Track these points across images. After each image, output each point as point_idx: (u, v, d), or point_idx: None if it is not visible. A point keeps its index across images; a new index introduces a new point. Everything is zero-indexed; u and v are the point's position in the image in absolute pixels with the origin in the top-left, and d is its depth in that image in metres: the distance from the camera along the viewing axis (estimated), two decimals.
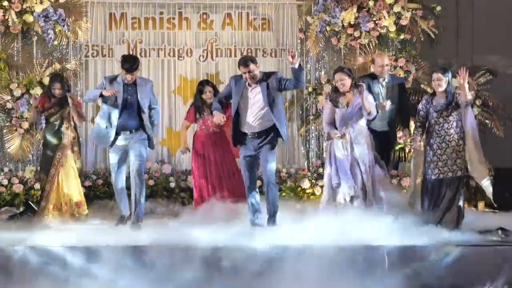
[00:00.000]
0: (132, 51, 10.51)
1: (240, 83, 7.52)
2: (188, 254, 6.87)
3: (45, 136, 8.82)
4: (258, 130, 7.54)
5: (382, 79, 8.61)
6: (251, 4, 10.63)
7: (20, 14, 9.94)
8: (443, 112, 7.93)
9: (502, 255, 7.29)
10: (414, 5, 10.13)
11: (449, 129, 7.94)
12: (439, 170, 7.87)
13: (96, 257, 6.84)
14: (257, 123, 7.53)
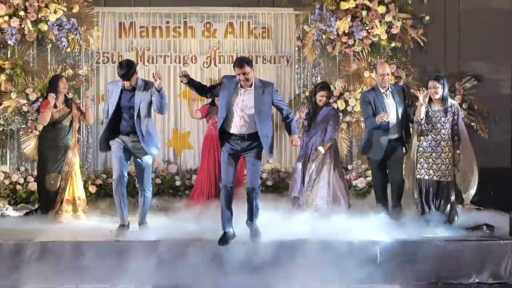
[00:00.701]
0: (140, 58, 10.61)
1: (232, 82, 6.97)
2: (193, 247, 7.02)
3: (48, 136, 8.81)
4: (246, 132, 6.96)
5: (385, 90, 8.18)
6: (251, 14, 10.67)
7: (35, 23, 9.98)
8: (441, 118, 7.99)
9: (487, 250, 7.40)
10: (404, 15, 10.17)
11: (445, 134, 8.00)
12: (433, 172, 7.93)
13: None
14: (246, 126, 6.94)
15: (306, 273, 6.90)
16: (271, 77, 10.55)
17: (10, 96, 9.94)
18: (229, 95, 6.91)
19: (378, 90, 8.20)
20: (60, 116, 8.71)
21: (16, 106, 9.89)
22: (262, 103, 6.89)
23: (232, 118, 6.93)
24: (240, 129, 6.92)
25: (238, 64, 6.87)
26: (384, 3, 10.11)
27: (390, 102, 8.16)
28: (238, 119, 6.91)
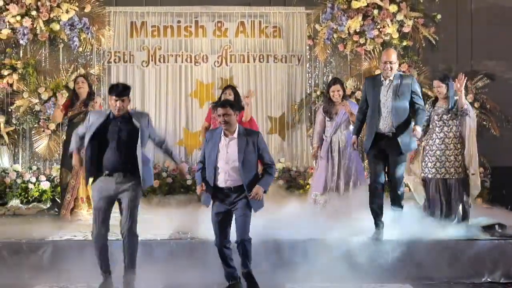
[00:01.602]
0: (151, 57, 10.62)
1: (216, 134, 6.39)
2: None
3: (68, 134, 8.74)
4: (234, 185, 6.31)
5: (384, 80, 7.24)
6: (263, 13, 10.66)
7: (47, 23, 10.02)
8: (444, 116, 7.96)
9: (499, 249, 7.36)
10: (416, 13, 10.16)
11: (448, 132, 7.96)
12: (436, 170, 7.85)
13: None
14: (232, 178, 6.32)
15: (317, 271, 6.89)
16: (282, 76, 10.65)
17: (22, 96, 10.01)
18: (216, 148, 6.31)
19: (379, 78, 7.36)
20: (73, 115, 8.76)
21: (28, 106, 9.95)
22: (246, 153, 6.30)
23: (220, 170, 6.32)
24: (228, 182, 6.30)
25: (221, 104, 6.39)
26: (396, 2, 10.11)
27: (388, 93, 7.20)
28: (224, 172, 6.31)
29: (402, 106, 7.18)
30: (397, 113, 7.14)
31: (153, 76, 10.65)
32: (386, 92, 7.20)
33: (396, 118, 7.14)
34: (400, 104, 7.16)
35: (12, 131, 10.09)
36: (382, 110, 7.16)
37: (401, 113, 7.17)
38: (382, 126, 7.18)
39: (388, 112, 7.15)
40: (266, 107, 10.66)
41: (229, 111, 6.22)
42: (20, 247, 7.18)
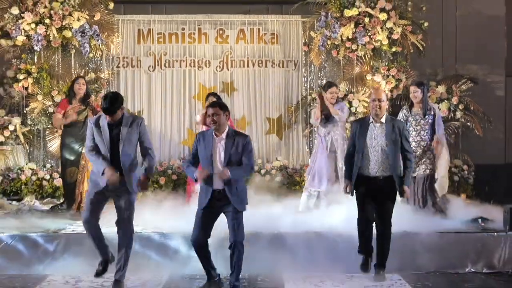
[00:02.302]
0: (157, 62, 10.62)
1: (207, 135, 6.18)
2: None
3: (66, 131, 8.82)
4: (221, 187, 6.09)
5: (375, 123, 6.51)
6: (261, 21, 10.66)
7: (60, 30, 10.00)
8: (421, 121, 8.08)
9: (482, 242, 7.39)
10: (405, 21, 10.13)
11: (425, 136, 8.11)
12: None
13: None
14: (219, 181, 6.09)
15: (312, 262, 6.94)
16: (280, 80, 10.65)
17: (36, 98, 10.00)
18: (209, 149, 6.11)
19: (367, 120, 6.58)
20: (77, 111, 8.74)
21: (42, 108, 9.93)
22: (234, 155, 6.11)
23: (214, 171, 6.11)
24: (219, 183, 6.09)
25: (212, 105, 6.27)
26: (385, 10, 10.07)
27: (377, 135, 6.48)
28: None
29: (394, 151, 6.47)
30: (389, 157, 6.46)
31: (159, 80, 10.65)
32: (377, 136, 6.48)
33: (388, 162, 6.45)
34: (392, 149, 6.45)
35: (27, 131, 10.09)
36: (373, 154, 6.47)
37: (392, 157, 6.46)
38: (372, 170, 6.48)
39: (379, 156, 6.45)
40: (264, 109, 10.65)
41: (219, 111, 6.10)
42: (35, 239, 7.22)
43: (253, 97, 10.66)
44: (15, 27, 9.95)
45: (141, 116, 10.05)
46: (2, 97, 10.27)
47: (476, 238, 7.42)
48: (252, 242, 7.00)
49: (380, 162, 6.47)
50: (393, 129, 6.48)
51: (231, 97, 10.63)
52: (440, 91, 10.18)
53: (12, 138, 10.05)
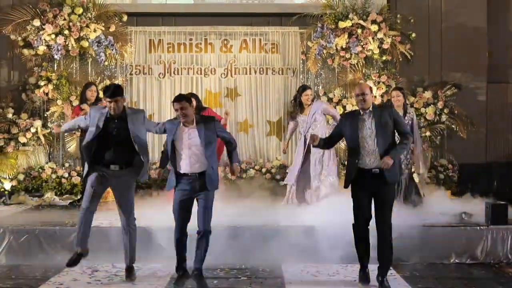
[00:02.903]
0: (167, 70, 10.60)
1: (174, 124, 5.99)
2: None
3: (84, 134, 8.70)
4: (199, 171, 5.89)
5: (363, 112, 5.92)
6: (262, 32, 10.63)
7: (78, 41, 10.00)
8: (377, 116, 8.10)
9: (465, 235, 7.39)
10: (394, 32, 10.11)
11: None
12: None
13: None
14: (196, 165, 5.89)
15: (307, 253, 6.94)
16: (279, 86, 10.62)
17: (56, 103, 10.00)
18: (172, 136, 5.91)
19: (356, 113, 6.03)
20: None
21: (61, 111, 9.92)
22: (208, 137, 5.89)
23: (181, 158, 5.90)
24: (192, 168, 5.87)
25: (177, 99, 5.92)
26: (376, 22, 10.05)
27: (369, 126, 5.88)
28: (187, 159, 5.88)
29: (388, 137, 5.89)
30: (384, 145, 5.84)
31: (169, 86, 10.61)
32: (369, 125, 5.89)
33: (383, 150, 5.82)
34: (385, 135, 5.87)
35: (47, 133, 10.08)
36: (367, 145, 5.86)
37: (387, 144, 5.86)
38: (368, 162, 5.86)
39: (374, 146, 5.84)
40: (265, 112, 10.61)
41: (185, 104, 5.85)
42: (54, 233, 7.25)
43: (255, 102, 10.62)
44: (36, 38, 9.96)
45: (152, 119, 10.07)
46: (25, 102, 10.26)
47: (460, 232, 7.42)
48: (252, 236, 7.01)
49: (373, 152, 5.83)
50: (381, 116, 5.88)
51: (235, 101, 10.59)
52: (427, 96, 10.18)
53: (34, 139, 10.05)
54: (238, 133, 10.40)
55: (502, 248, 7.34)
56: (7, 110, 10.12)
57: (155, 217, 7.45)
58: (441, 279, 6.57)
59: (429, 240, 7.28)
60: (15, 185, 9.85)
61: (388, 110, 6.07)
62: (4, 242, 7.24)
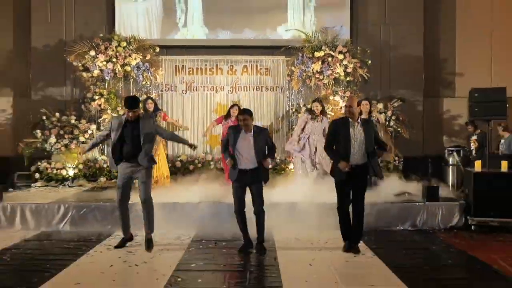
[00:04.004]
0: (188, 88, 10.55)
1: (236, 130, 5.92)
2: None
3: None
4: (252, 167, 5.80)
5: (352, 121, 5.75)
6: (258, 59, 10.61)
7: (122, 66, 9.99)
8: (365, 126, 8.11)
9: (408, 209, 7.39)
10: (355, 60, 10.09)
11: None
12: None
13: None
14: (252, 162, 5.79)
15: (299, 223, 6.87)
16: (270, 100, 10.61)
17: (107, 112, 10.00)
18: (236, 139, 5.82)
19: (347, 120, 5.79)
20: None
21: (111, 119, 9.86)
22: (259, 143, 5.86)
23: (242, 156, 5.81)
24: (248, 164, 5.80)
25: (241, 112, 5.96)
26: (342, 52, 10.04)
27: (357, 132, 5.73)
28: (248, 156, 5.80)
29: (371, 143, 5.76)
30: (365, 149, 5.72)
31: (189, 100, 10.58)
32: (357, 132, 5.71)
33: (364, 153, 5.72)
34: (369, 142, 5.74)
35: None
36: (355, 146, 5.69)
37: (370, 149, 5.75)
38: (352, 160, 5.69)
39: (361, 147, 5.70)
40: (260, 119, 10.57)
41: (247, 117, 5.84)
42: (105, 208, 7.22)
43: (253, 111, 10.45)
44: (92, 64, 9.96)
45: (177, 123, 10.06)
46: (84, 111, 10.24)
47: (404, 206, 7.42)
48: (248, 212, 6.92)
49: (358, 154, 5.70)
50: (367, 127, 5.76)
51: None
52: (380, 107, 10.16)
53: (90, 138, 10.00)
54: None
55: (435, 219, 7.35)
56: (71, 117, 10.09)
57: (181, 194, 7.48)
58: (390, 241, 6.59)
59: (381, 213, 7.27)
60: (76, 172, 9.81)
61: (372, 124, 5.94)
62: (68, 214, 7.24)
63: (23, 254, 5.91)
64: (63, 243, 6.44)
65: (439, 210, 7.35)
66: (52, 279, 4.94)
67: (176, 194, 7.64)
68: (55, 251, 6.08)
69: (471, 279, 4.98)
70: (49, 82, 10.49)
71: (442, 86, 10.97)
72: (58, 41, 10.47)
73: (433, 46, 10.94)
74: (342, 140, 5.73)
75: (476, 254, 5.87)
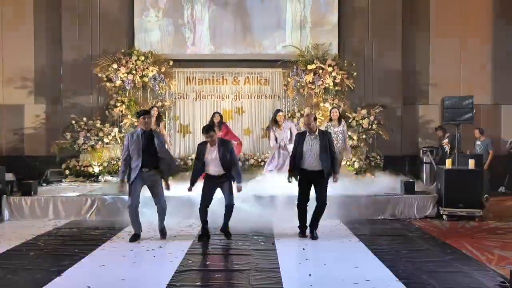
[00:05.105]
0: (198, 96, 10.51)
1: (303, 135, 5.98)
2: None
3: None
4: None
5: (310, 134, 5.94)
6: (259, 72, 10.54)
7: (141, 77, 9.99)
8: (340, 136, 8.24)
9: (388, 201, 7.39)
10: (343, 71, 10.08)
11: (339, 140, 8.14)
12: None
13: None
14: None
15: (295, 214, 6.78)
16: (269, 107, 10.46)
17: (127, 117, 9.99)
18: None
19: (305, 133, 6.01)
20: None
21: (131, 123, 9.92)
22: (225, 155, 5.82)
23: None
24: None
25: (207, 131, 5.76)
26: (331, 65, 10.02)
27: (312, 143, 5.89)
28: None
29: (323, 153, 5.84)
30: (322, 156, 5.84)
31: (199, 107, 10.54)
32: (313, 143, 5.88)
33: (322, 159, 5.83)
34: (323, 150, 5.85)
35: (122, 136, 10.01)
36: (309, 154, 5.86)
37: (324, 156, 5.83)
38: (309, 165, 5.87)
39: (316, 155, 5.84)
40: (260, 123, 10.51)
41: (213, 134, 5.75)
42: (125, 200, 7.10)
43: (254, 116, 10.55)
44: (115, 75, 9.95)
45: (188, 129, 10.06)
46: (107, 116, 10.24)
47: (384, 199, 7.43)
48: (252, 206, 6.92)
49: (314, 160, 5.85)
50: (323, 138, 5.90)
51: (241, 116, 10.51)
52: (363, 112, 10.16)
53: (113, 140, 10.03)
54: (243, 136, 10.32)
55: (411, 209, 7.36)
56: (96, 122, 10.10)
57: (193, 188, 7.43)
58: (373, 228, 6.60)
59: (366, 204, 7.29)
60: (101, 169, 9.80)
61: (327, 135, 6.02)
62: (94, 206, 7.26)
63: (55, 240, 5.95)
64: (90, 230, 6.47)
65: (415, 202, 7.37)
66: (80, 261, 4.97)
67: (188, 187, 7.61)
68: (82, 237, 6.11)
69: (442, 261, 5.00)
70: (78, 91, 10.50)
71: (418, 94, 10.95)
72: (86, 56, 10.49)
73: (410, 60, 10.93)
74: (299, 149, 5.92)
75: (447, 240, 5.90)
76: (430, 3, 10.93)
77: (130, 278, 4.46)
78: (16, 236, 6.11)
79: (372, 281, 4.30)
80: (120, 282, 4.33)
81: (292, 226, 6.48)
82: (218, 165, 5.82)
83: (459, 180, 7.17)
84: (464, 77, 10.85)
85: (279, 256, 5.10)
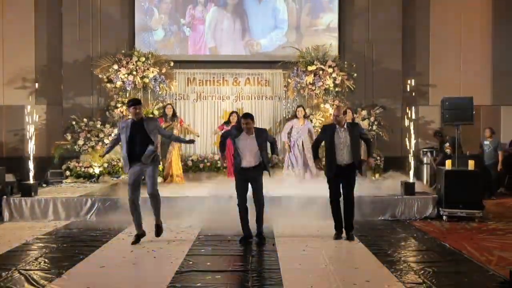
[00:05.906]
0: (199, 97, 10.52)
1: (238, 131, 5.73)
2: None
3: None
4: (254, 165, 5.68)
5: (339, 127, 5.78)
6: (259, 73, 10.59)
7: (141, 78, 10.00)
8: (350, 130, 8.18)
9: (388, 201, 7.37)
10: (343, 73, 10.10)
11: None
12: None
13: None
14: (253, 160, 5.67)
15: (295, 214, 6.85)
16: (270, 107, 10.56)
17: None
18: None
19: (334, 126, 5.83)
20: (167, 126, 8.79)
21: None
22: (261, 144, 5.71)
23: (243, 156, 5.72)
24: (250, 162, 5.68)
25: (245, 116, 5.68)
26: (331, 66, 10.03)
27: (343, 136, 5.75)
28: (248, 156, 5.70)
29: (354, 145, 5.76)
30: (354, 149, 5.74)
31: (200, 107, 10.57)
32: (343, 135, 5.74)
33: (353, 151, 5.74)
34: (353, 144, 5.75)
35: None
36: (340, 149, 5.72)
37: (355, 148, 5.76)
38: (341, 157, 5.72)
39: (347, 148, 5.71)
40: (261, 123, 10.48)
41: (249, 121, 5.62)
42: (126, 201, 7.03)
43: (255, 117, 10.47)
44: (115, 76, 9.97)
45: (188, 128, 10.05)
46: (108, 117, 10.24)
47: (384, 199, 7.42)
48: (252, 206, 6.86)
49: (345, 153, 5.72)
50: (353, 130, 5.78)
51: None
52: (363, 113, 10.16)
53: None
54: None
55: (411, 210, 7.36)
56: (97, 123, 10.11)
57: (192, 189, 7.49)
58: (373, 229, 6.59)
59: (366, 205, 7.27)
60: (101, 170, 9.80)
61: (356, 126, 5.91)
62: (94, 206, 7.26)
63: (55, 241, 5.93)
64: (90, 231, 6.46)
65: (415, 203, 7.35)
66: (80, 262, 4.96)
67: (188, 189, 7.70)
68: (82, 238, 6.10)
69: (442, 262, 4.99)
70: (78, 92, 10.51)
71: (418, 95, 10.95)
72: (86, 57, 10.50)
73: (410, 61, 10.93)
74: (328, 143, 5.79)
75: (447, 241, 5.88)
76: (430, 4, 10.94)
77: (130, 279, 4.45)
78: (16, 237, 6.10)
79: (372, 281, 4.29)
80: (120, 283, 4.32)
81: (292, 226, 6.49)
82: (254, 155, 5.58)
83: (459, 180, 7.16)
84: (464, 78, 10.85)
85: (279, 257, 5.09)
